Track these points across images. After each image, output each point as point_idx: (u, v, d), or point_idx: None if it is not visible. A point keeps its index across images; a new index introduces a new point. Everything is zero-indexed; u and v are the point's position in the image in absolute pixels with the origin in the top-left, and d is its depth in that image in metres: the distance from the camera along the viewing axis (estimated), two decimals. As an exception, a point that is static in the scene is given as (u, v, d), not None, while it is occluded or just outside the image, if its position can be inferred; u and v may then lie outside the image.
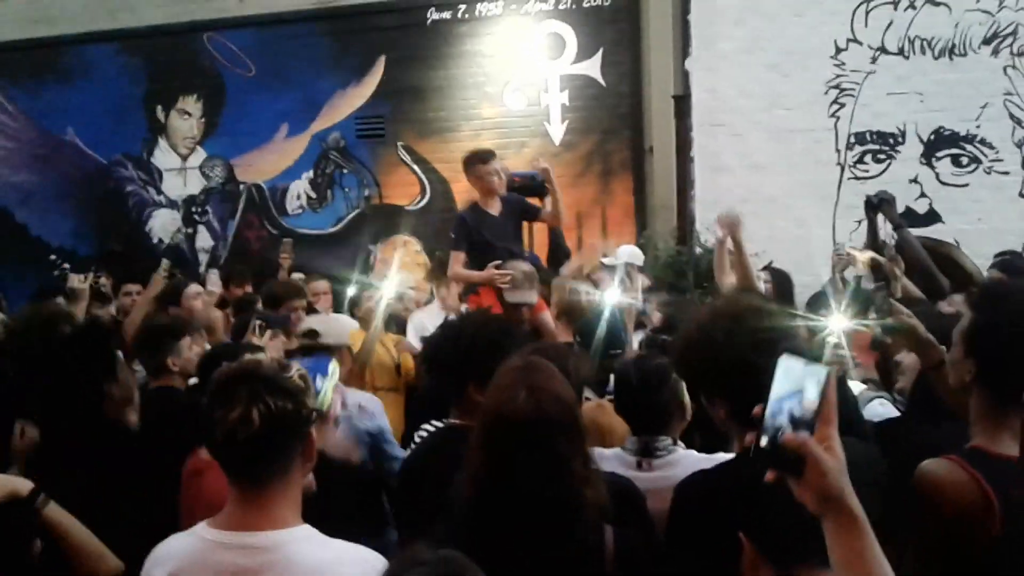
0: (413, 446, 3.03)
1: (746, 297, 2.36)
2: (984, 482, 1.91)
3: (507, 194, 5.40)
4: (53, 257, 10.22)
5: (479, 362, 2.52)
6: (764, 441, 1.23)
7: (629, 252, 6.24)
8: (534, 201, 6.09)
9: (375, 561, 1.74)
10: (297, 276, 6.52)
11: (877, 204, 6.25)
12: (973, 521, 1.90)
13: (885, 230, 6.21)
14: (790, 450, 1.20)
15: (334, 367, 3.33)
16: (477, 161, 5.34)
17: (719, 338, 1.96)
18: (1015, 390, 2.04)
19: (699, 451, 2.71)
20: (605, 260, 6.24)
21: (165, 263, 5.83)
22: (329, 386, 3.02)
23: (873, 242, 6.29)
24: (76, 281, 5.30)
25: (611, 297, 4.52)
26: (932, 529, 1.95)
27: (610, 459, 2.51)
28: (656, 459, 2.57)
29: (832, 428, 1.22)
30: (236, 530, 1.72)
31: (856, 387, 3.58)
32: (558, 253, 5.92)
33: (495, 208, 5.29)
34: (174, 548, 1.78)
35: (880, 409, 3.40)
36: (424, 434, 3.05)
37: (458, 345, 2.65)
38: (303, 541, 1.72)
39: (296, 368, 1.79)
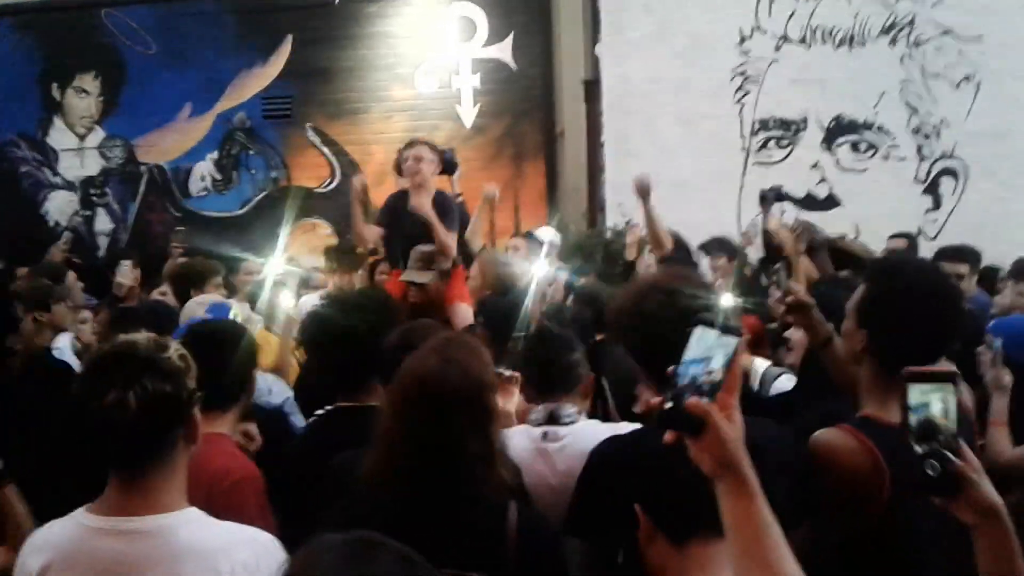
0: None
1: (684, 274, 2.38)
2: (875, 449, 1.97)
3: (443, 194, 5.22)
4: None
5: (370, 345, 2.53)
6: (669, 403, 1.25)
7: (551, 232, 6.33)
8: (444, 180, 6.07)
9: (267, 542, 1.70)
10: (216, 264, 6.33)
11: (773, 198, 6.42)
12: (865, 487, 1.96)
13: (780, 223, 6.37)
14: (692, 414, 1.23)
15: (234, 314, 3.36)
16: (403, 148, 5.27)
17: (650, 310, 1.97)
18: (904, 360, 2.11)
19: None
20: (536, 232, 6.32)
21: (67, 236, 5.56)
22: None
23: (765, 234, 6.45)
24: None
25: (539, 269, 4.55)
26: (827, 495, 2.01)
27: (516, 434, 2.49)
28: (562, 427, 2.56)
29: (734, 397, 1.26)
30: (116, 515, 1.65)
31: (761, 364, 3.66)
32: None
33: (418, 200, 4.99)
34: (51, 535, 1.71)
35: (788, 384, 3.47)
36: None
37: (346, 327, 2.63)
38: (188, 524, 1.67)
39: (175, 347, 1.72)
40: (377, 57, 9.30)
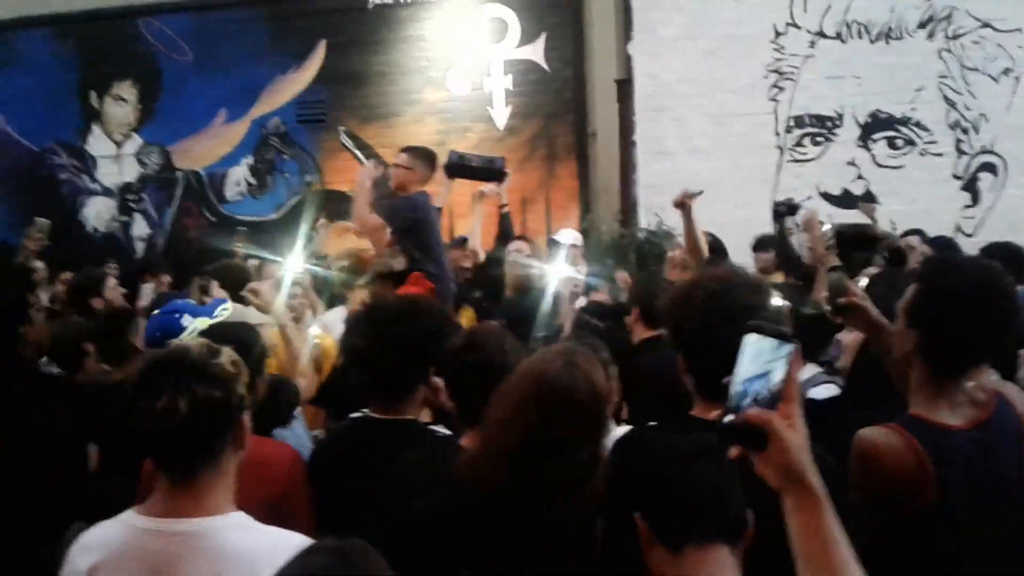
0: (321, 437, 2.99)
1: (736, 271, 2.36)
2: (920, 448, 1.94)
3: (410, 199, 5.19)
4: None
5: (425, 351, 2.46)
6: (728, 417, 1.23)
7: (572, 235, 6.30)
8: (487, 186, 6.07)
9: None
10: (253, 264, 6.39)
11: (786, 211, 6.36)
12: (909, 487, 1.93)
13: (797, 236, 6.33)
14: (754, 426, 1.21)
15: (225, 307, 3.36)
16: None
17: (702, 304, 1.96)
18: (954, 362, 2.08)
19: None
20: (556, 237, 6.31)
21: (41, 223, 5.55)
22: (201, 323, 3.07)
23: (782, 247, 6.41)
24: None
25: (558, 272, 4.55)
26: (869, 495, 1.98)
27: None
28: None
29: (795, 406, 1.23)
30: (165, 516, 1.68)
31: (809, 370, 3.61)
32: (506, 239, 5.87)
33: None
34: (101, 536, 1.73)
35: (823, 393, 3.41)
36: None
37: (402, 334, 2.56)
38: (235, 528, 1.69)
39: (227, 353, 1.74)
40: (409, 60, 9.34)
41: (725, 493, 1.23)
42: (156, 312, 3.33)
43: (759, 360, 1.24)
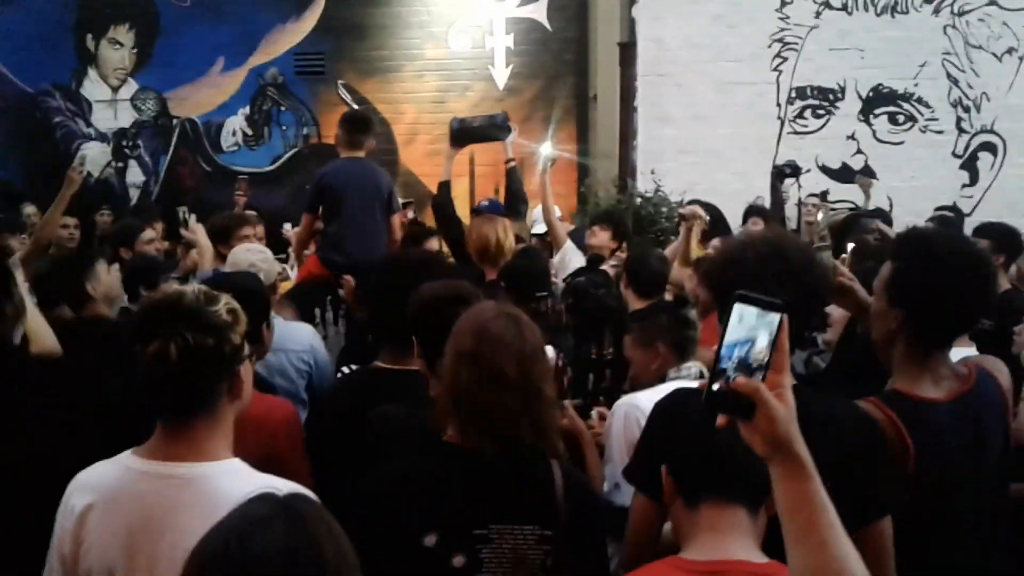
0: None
1: (784, 232, 2.34)
2: (899, 422, 1.96)
3: None
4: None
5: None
6: (716, 385, 1.22)
7: (549, 147, 6.22)
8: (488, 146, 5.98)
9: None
10: (251, 214, 6.32)
11: (789, 173, 6.32)
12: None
13: (795, 197, 6.34)
14: (741, 395, 1.20)
15: None
16: None
17: (751, 262, 1.94)
18: (940, 334, 2.09)
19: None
20: (535, 230, 6.23)
21: (81, 156, 5.55)
22: None
23: (777, 209, 6.40)
24: None
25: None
26: None
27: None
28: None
29: (784, 376, 1.22)
30: (161, 460, 1.68)
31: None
32: (515, 198, 5.52)
33: None
34: (96, 476, 1.73)
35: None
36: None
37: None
38: (229, 474, 1.68)
39: (225, 301, 1.72)
40: (411, 14, 9.24)
41: (751, 456, 1.22)
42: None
43: (743, 326, 1.22)
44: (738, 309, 1.23)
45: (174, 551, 1.63)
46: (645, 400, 2.41)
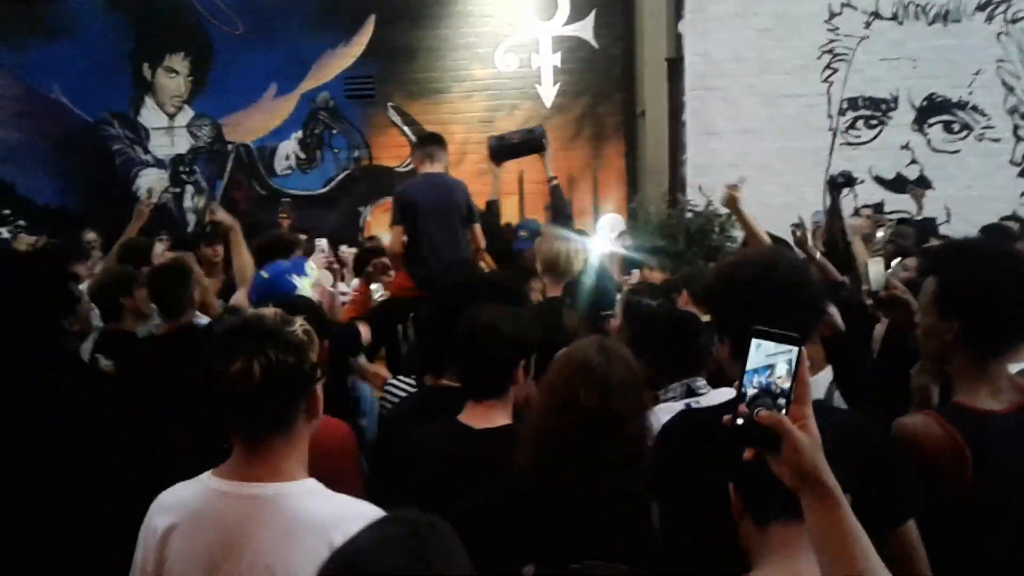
0: (389, 405, 3.04)
1: (781, 249, 2.34)
2: (958, 436, 1.95)
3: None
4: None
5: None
6: (741, 420, 1.24)
7: (615, 218, 6.24)
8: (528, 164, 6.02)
9: (378, 517, 1.75)
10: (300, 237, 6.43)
11: (843, 183, 6.25)
12: (947, 474, 1.93)
13: (849, 208, 6.26)
14: (766, 428, 1.22)
15: (311, 265, 3.48)
16: None
17: (746, 280, 1.95)
18: (999, 342, 2.07)
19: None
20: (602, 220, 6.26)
21: (149, 190, 5.70)
22: (307, 283, 3.23)
23: (833, 220, 6.32)
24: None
25: (597, 246, 4.49)
26: None
27: (660, 411, 2.52)
28: (700, 396, 2.63)
29: (806, 407, 1.24)
30: (241, 480, 1.72)
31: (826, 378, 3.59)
32: (559, 216, 5.57)
33: None
34: (178, 497, 1.77)
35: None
36: (397, 391, 3.08)
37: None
38: (307, 494, 1.71)
39: (300, 323, 1.77)
40: (458, 36, 9.34)
41: None
42: (264, 275, 3.41)
43: (763, 355, 1.26)
44: (755, 343, 1.26)
45: (253, 570, 1.67)
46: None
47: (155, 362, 3.22)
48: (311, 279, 3.38)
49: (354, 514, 1.72)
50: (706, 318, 3.68)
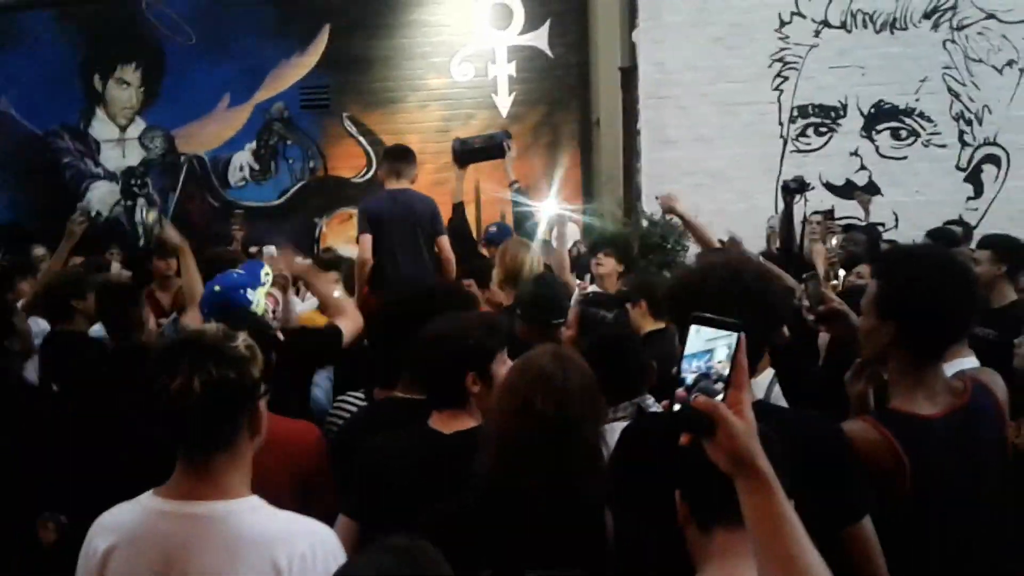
0: (340, 420, 3.02)
1: (746, 257, 2.35)
2: (895, 441, 1.97)
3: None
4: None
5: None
6: (678, 405, 1.25)
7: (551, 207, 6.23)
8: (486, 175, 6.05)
9: (325, 535, 1.72)
10: (252, 249, 6.38)
11: (796, 188, 6.33)
12: (885, 479, 1.96)
13: (799, 214, 6.33)
14: (702, 413, 1.23)
15: (266, 272, 3.45)
16: None
17: (712, 289, 1.97)
18: (933, 345, 2.11)
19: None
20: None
21: (81, 208, 5.59)
22: (261, 293, 3.18)
23: (788, 225, 6.40)
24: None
25: (548, 209, 4.49)
26: None
27: (613, 429, 2.53)
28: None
29: (743, 392, 1.25)
30: (182, 499, 1.69)
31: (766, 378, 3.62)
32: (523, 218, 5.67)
33: None
34: (118, 518, 1.74)
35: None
36: (348, 405, 3.07)
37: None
38: (250, 512, 1.69)
39: (242, 338, 1.75)
40: (413, 46, 9.33)
41: None
42: (216, 288, 3.36)
43: (699, 341, 1.27)
44: (695, 329, 1.27)
45: (196, 590, 1.65)
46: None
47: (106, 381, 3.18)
48: (265, 287, 3.35)
49: (299, 531, 1.71)
50: (660, 325, 3.72)
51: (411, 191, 5.26)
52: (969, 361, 2.78)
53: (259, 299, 3.25)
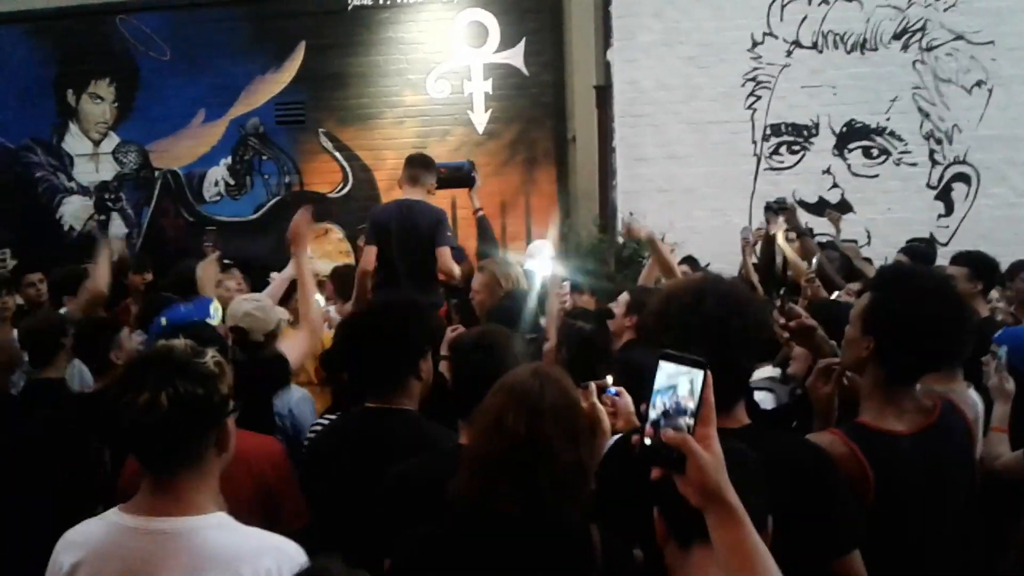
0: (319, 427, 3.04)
1: (714, 279, 2.34)
2: (860, 454, 1.99)
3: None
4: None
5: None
6: (648, 440, 1.28)
7: (546, 244, 6.26)
8: (460, 192, 6.09)
9: (292, 551, 1.72)
10: (226, 261, 6.35)
11: (777, 210, 6.43)
12: (852, 489, 1.98)
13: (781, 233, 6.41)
14: (672, 447, 1.25)
15: (215, 308, 3.46)
16: None
17: (676, 314, 1.98)
18: (908, 367, 2.13)
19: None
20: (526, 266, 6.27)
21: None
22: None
23: (767, 245, 6.49)
24: None
25: (540, 269, 4.51)
26: None
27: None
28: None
29: (711, 427, 1.28)
30: (148, 515, 1.69)
31: (766, 371, 3.66)
32: (488, 246, 5.69)
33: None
34: (84, 534, 1.73)
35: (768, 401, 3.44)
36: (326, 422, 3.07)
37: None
38: (216, 528, 1.69)
39: (211, 354, 1.75)
40: (389, 63, 9.34)
41: (741, 496, 1.26)
42: (163, 321, 3.36)
43: (670, 378, 1.29)
44: (662, 365, 1.30)
45: (162, 607, 1.64)
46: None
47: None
48: (215, 321, 3.32)
49: (265, 547, 1.70)
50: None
51: (422, 202, 5.28)
52: (960, 391, 2.81)
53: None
